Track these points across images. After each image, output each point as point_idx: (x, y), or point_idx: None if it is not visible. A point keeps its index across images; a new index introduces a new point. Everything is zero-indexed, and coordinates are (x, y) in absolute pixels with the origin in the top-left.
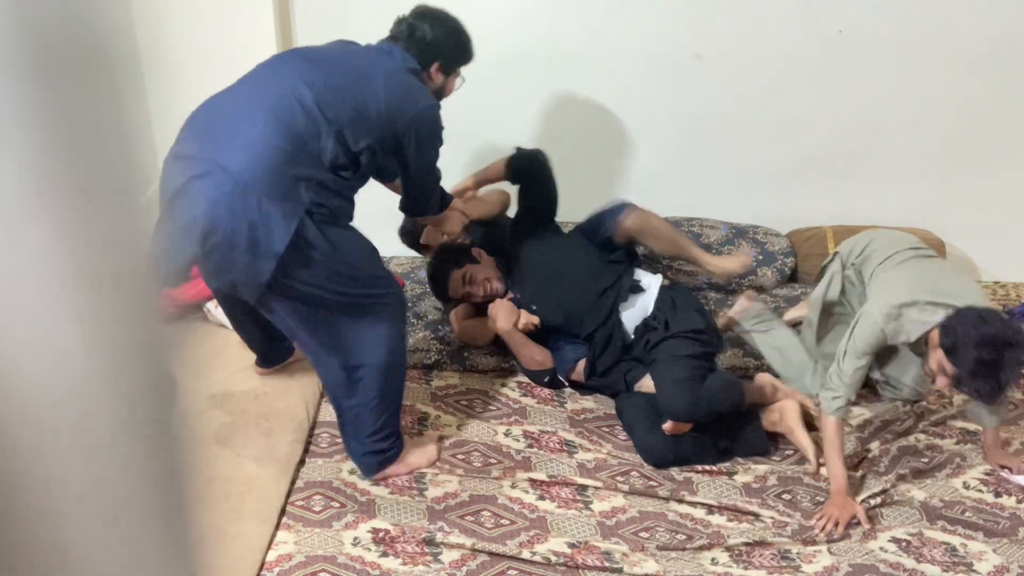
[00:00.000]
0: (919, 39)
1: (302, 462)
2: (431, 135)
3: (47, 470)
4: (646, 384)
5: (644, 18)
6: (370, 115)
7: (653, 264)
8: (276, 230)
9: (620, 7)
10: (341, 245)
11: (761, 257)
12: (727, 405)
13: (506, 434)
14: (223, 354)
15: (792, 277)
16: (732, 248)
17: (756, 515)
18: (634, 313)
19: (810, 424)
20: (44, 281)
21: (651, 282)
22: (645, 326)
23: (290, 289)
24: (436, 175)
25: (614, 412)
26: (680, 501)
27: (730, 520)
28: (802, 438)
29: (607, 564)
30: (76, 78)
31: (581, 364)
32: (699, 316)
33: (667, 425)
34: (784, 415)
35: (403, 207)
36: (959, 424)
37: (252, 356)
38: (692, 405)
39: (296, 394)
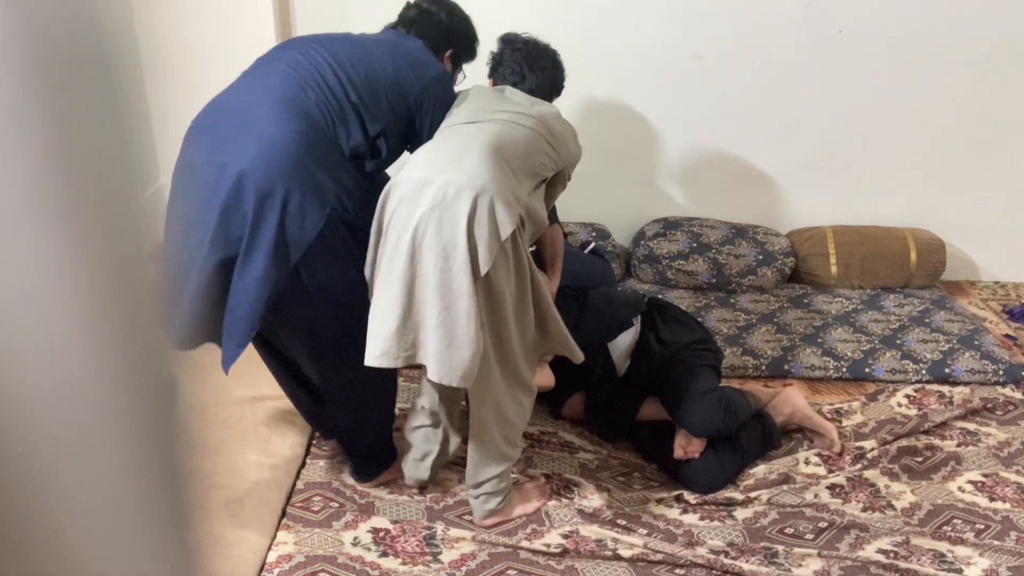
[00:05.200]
0: (919, 39)
1: (303, 464)
2: (443, 106)
3: (45, 471)
4: (648, 412)
5: (644, 18)
6: (380, 91)
7: (654, 265)
8: (303, 225)
9: (620, 7)
10: (353, 258)
11: (761, 257)
12: (747, 412)
13: None
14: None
15: (792, 277)
16: (732, 248)
17: (730, 510)
18: (624, 337)
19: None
20: (43, 281)
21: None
22: (640, 350)
23: (307, 291)
24: None
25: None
26: (659, 502)
27: (703, 519)
28: (821, 420)
29: (599, 551)
30: (76, 78)
31: (574, 400)
32: (696, 326)
33: (678, 451)
34: (795, 406)
35: None
36: (960, 424)
37: (250, 359)
38: (725, 415)
39: None
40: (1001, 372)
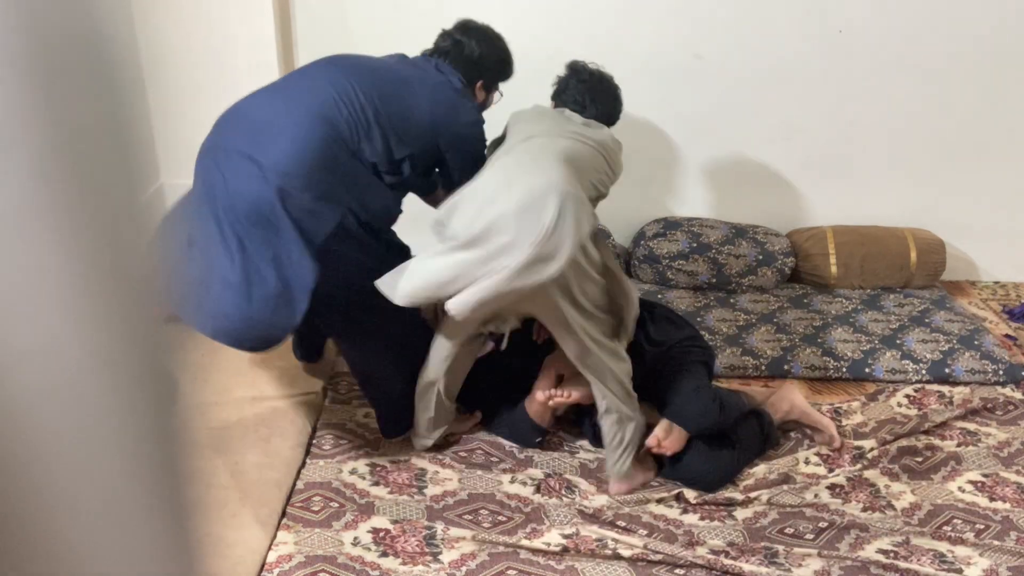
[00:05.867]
0: (919, 39)
1: (303, 464)
2: (473, 151)
3: (45, 471)
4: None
5: (644, 18)
6: (413, 124)
7: (654, 265)
8: (316, 225)
9: (620, 7)
10: (371, 253)
11: (761, 257)
12: (739, 408)
13: None
14: (221, 357)
15: (792, 277)
16: (732, 248)
17: (730, 511)
18: None
19: None
20: (44, 281)
21: None
22: (632, 351)
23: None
24: None
25: None
26: (659, 502)
27: (703, 519)
28: (819, 416)
29: (599, 550)
30: (76, 78)
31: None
32: (684, 323)
33: (652, 440)
34: (792, 402)
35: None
36: (960, 424)
37: (251, 359)
38: (719, 410)
39: (297, 398)
40: (1001, 372)
